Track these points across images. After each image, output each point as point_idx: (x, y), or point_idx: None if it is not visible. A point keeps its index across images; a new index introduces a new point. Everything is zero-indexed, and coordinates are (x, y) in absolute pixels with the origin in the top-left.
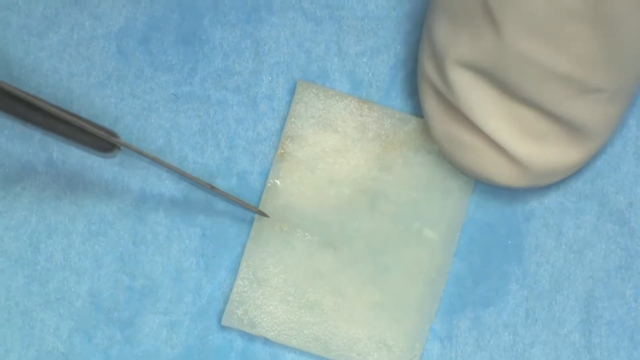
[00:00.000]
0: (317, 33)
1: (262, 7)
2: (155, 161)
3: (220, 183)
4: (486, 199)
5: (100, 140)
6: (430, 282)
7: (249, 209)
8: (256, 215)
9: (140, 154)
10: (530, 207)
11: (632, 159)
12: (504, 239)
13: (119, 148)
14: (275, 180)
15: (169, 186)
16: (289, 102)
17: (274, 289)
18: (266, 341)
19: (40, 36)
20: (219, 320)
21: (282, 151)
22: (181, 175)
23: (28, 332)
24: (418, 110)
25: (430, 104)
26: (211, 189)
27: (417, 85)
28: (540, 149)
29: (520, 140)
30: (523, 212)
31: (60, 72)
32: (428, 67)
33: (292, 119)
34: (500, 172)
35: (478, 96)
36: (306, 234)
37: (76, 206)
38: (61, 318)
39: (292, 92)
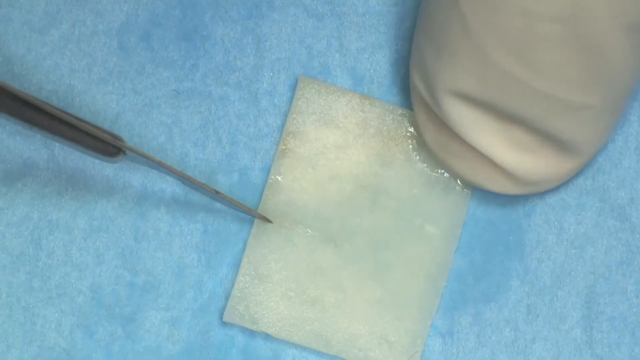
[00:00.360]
0: (319, 29)
1: (263, 3)
2: (161, 165)
3: (221, 179)
4: (487, 195)
5: (106, 144)
6: (432, 278)
7: (252, 215)
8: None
9: (146, 158)
10: (531, 203)
11: (634, 155)
12: (505, 235)
13: (124, 153)
14: (277, 177)
15: (170, 182)
16: (290, 98)
17: (275, 285)
18: (267, 337)
19: (41, 32)
20: (221, 316)
21: (284, 147)
22: (186, 179)
23: (29, 328)
24: None
25: (422, 116)
26: (216, 194)
27: (410, 97)
28: (532, 161)
29: (511, 153)
30: (524, 208)
31: (62, 68)
32: (419, 85)
33: (294, 115)
34: (494, 181)
35: (469, 117)
36: (307, 230)
37: (77, 202)
38: (63, 314)
39: (294, 88)
